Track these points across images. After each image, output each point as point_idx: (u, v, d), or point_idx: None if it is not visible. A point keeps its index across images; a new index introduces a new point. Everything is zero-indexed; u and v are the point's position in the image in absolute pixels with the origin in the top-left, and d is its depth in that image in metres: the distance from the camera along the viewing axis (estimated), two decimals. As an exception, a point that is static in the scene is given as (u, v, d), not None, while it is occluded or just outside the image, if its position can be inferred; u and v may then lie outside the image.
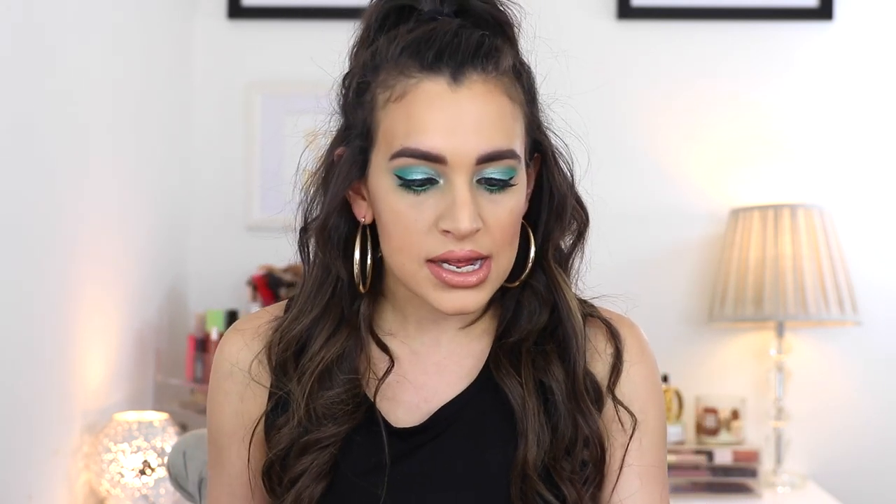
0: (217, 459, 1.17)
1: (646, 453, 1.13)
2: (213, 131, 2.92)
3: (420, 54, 1.02)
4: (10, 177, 1.83)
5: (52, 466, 2.06)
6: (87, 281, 2.18)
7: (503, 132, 1.02)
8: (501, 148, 1.02)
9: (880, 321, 2.82)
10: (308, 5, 2.90)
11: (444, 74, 1.01)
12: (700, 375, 2.85)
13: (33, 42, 1.92)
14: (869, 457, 2.83)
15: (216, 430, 1.16)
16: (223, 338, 1.17)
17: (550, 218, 1.12)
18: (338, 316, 1.11)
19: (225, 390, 1.15)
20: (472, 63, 1.02)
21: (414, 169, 1.01)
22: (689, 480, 2.61)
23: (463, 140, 1.00)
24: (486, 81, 1.02)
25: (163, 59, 2.73)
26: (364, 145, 1.06)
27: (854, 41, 2.89)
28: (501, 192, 1.03)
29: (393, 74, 1.03)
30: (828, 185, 2.86)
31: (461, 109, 1.01)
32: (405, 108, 1.02)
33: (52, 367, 2.04)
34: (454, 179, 1.01)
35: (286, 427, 1.10)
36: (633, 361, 1.14)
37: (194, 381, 2.57)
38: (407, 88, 1.02)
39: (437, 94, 1.01)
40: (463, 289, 1.03)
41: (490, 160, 1.01)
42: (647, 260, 2.85)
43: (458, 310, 1.04)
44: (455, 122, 1.00)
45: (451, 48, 1.02)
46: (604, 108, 2.83)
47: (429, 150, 1.00)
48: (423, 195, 1.02)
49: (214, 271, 2.88)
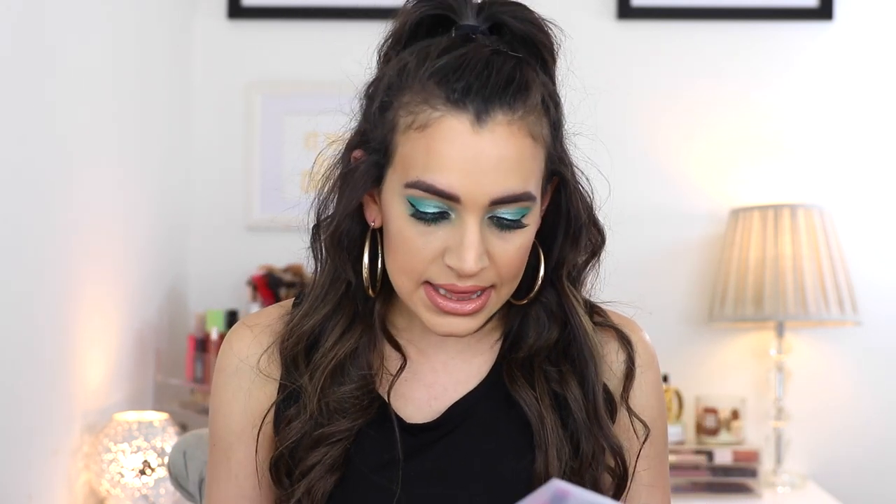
0: (222, 459, 1.15)
1: (654, 461, 1.14)
2: (213, 131, 2.92)
3: (448, 85, 1.00)
4: (10, 177, 1.83)
5: (52, 466, 2.06)
6: (87, 281, 2.18)
7: (520, 176, 1.01)
8: (516, 192, 1.01)
9: (880, 321, 2.82)
10: (308, 5, 2.90)
11: (469, 112, 1.00)
12: (700, 375, 2.85)
13: (33, 42, 1.92)
14: (869, 457, 2.83)
15: (224, 429, 1.15)
16: (230, 334, 1.17)
17: (566, 241, 1.12)
18: (351, 312, 1.12)
19: (233, 388, 1.14)
20: (499, 101, 1.00)
21: (427, 202, 1.01)
22: (689, 480, 2.61)
23: (479, 182, 1.00)
24: (510, 123, 1.00)
25: (163, 59, 2.73)
26: (381, 161, 1.06)
27: (854, 41, 2.89)
28: (512, 232, 1.04)
29: (417, 101, 1.02)
30: (828, 185, 2.86)
31: (481, 152, 1.00)
32: (426, 141, 1.01)
33: (52, 367, 2.04)
34: (465, 218, 1.01)
35: (297, 420, 1.10)
36: (644, 368, 1.16)
37: (194, 381, 2.57)
38: (430, 121, 1.01)
39: (459, 133, 1.00)
40: (456, 315, 1.04)
41: (503, 203, 1.01)
42: (647, 260, 2.85)
43: (449, 333, 1.05)
44: (473, 163, 1.00)
45: (479, 82, 1.00)
46: (604, 108, 2.83)
47: (444, 189, 1.00)
48: (433, 226, 1.02)
49: (214, 271, 2.88)
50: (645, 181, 2.87)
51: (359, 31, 2.85)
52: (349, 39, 2.92)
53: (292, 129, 2.88)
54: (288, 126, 2.88)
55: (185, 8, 2.88)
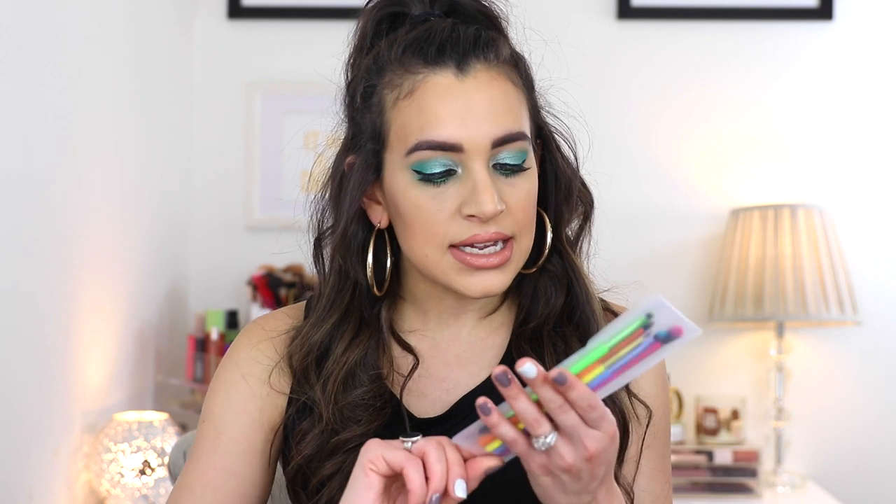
0: (211, 434, 1.14)
1: (655, 446, 1.16)
2: (213, 131, 2.92)
3: (423, 51, 1.06)
4: (11, 177, 1.83)
5: (52, 466, 2.06)
6: (88, 281, 2.18)
7: (512, 115, 1.06)
8: (513, 130, 1.05)
9: (880, 321, 2.82)
10: (308, 5, 2.90)
11: (450, 67, 1.05)
12: (700, 375, 2.85)
13: (33, 42, 1.92)
14: (869, 457, 2.83)
15: (221, 407, 1.14)
16: (247, 331, 1.18)
17: (560, 202, 1.14)
18: (358, 319, 1.13)
19: (242, 375, 1.14)
20: (473, 53, 1.05)
21: (432, 162, 1.04)
22: (689, 480, 2.61)
23: (476, 126, 1.03)
24: (489, 69, 1.06)
25: (163, 59, 2.73)
26: (376, 148, 1.08)
27: (854, 41, 2.89)
28: (517, 176, 1.06)
29: (399, 73, 1.06)
30: (828, 185, 2.86)
31: (470, 98, 1.04)
32: (416, 104, 1.05)
33: (52, 367, 2.04)
34: (472, 166, 1.04)
35: (311, 433, 1.10)
36: None
37: (194, 381, 2.58)
38: (415, 84, 1.05)
39: (446, 86, 1.04)
40: (487, 270, 1.05)
41: (504, 143, 1.05)
42: (646, 260, 2.85)
43: (484, 291, 1.06)
44: (466, 110, 1.03)
45: (451, 42, 1.05)
46: (603, 108, 2.83)
47: (445, 140, 1.03)
48: (443, 186, 1.05)
49: (214, 271, 2.88)
50: (645, 181, 2.87)
51: (359, 31, 2.85)
52: (344, 51, 2.93)
53: (292, 129, 2.88)
54: (288, 126, 2.88)
55: (185, 8, 2.88)
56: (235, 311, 2.67)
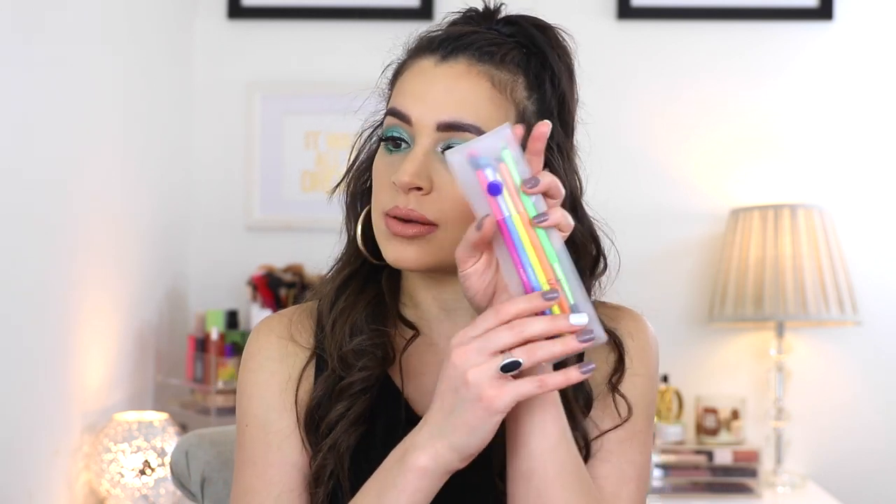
0: (259, 435, 1.14)
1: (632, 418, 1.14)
2: (213, 131, 2.92)
3: (430, 40, 1.13)
4: (11, 176, 1.83)
5: (52, 466, 2.06)
6: (88, 281, 2.18)
7: (470, 108, 1.08)
8: (463, 120, 1.07)
9: (880, 321, 2.82)
10: (308, 5, 2.90)
11: (437, 54, 1.11)
12: (700, 375, 2.85)
13: (33, 42, 1.92)
14: (869, 457, 2.83)
15: (259, 406, 1.15)
16: (261, 325, 1.20)
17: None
18: (363, 280, 1.18)
19: (271, 370, 1.16)
20: (467, 50, 1.10)
21: (391, 129, 1.11)
22: (689, 480, 2.61)
23: (428, 106, 1.08)
24: (471, 65, 1.09)
25: (163, 59, 2.73)
26: (382, 120, 1.16)
27: (854, 41, 2.89)
28: None
29: (409, 57, 1.14)
30: (828, 185, 2.86)
31: (436, 80, 1.09)
32: (401, 80, 1.13)
33: (52, 367, 2.04)
34: (418, 141, 1.08)
35: (321, 377, 1.14)
36: (636, 360, 1.16)
37: (194, 381, 2.57)
38: (409, 65, 1.13)
39: (424, 68, 1.11)
40: (401, 240, 1.08)
41: (450, 129, 1.07)
42: (646, 260, 2.86)
43: (395, 259, 1.10)
44: (427, 89, 1.09)
45: (456, 38, 1.11)
46: (603, 108, 2.83)
47: (400, 109, 1.10)
48: (395, 155, 1.10)
49: (214, 271, 2.88)
50: (645, 181, 2.87)
51: (359, 31, 2.85)
52: (349, 39, 2.93)
53: (292, 129, 2.88)
54: (288, 126, 2.88)
55: (185, 8, 2.88)
56: (235, 311, 2.67)
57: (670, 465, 2.61)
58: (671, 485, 2.59)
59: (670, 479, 2.60)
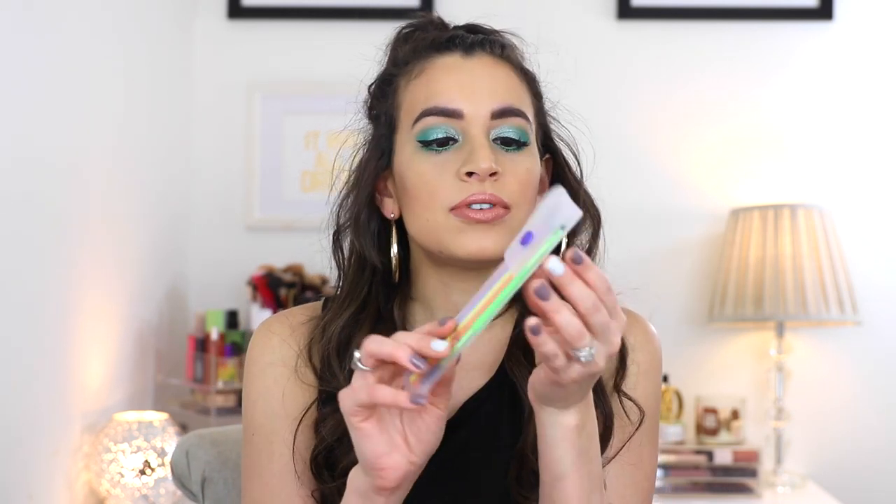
0: (265, 444, 1.15)
1: (635, 441, 1.15)
2: (213, 131, 2.92)
3: (434, 43, 1.14)
4: (11, 176, 1.83)
5: (52, 466, 2.06)
6: (88, 281, 2.18)
7: (513, 94, 1.11)
8: (513, 105, 1.10)
9: (880, 321, 2.82)
10: (308, 5, 2.90)
11: (458, 51, 1.13)
12: (700, 375, 2.85)
13: (33, 42, 1.92)
14: (869, 457, 2.83)
15: (265, 415, 1.15)
16: (265, 327, 1.19)
17: None
18: (375, 312, 1.15)
19: (274, 377, 1.16)
20: (480, 47, 1.13)
21: (435, 129, 1.09)
22: (689, 480, 2.61)
23: (478, 96, 1.10)
24: (493, 58, 1.13)
25: (163, 59, 2.73)
26: (388, 133, 1.14)
27: (854, 41, 2.89)
28: (517, 152, 1.10)
29: (412, 62, 1.14)
30: (828, 185, 2.86)
31: (474, 73, 1.11)
32: (424, 80, 1.12)
33: (52, 367, 2.04)
34: (472, 132, 1.09)
35: (332, 419, 1.11)
36: (637, 349, 1.17)
37: (194, 381, 2.57)
38: (425, 66, 1.13)
39: (452, 63, 1.12)
40: (482, 228, 1.07)
41: (503, 115, 1.09)
42: (647, 260, 2.86)
43: (479, 248, 1.07)
44: (469, 81, 1.10)
45: (461, 37, 1.14)
46: (604, 108, 2.83)
47: (446, 106, 1.09)
48: (444, 154, 1.09)
49: (214, 271, 2.88)
50: (645, 181, 2.87)
51: (358, 31, 2.85)
52: (349, 39, 2.93)
53: (292, 129, 2.88)
54: (288, 126, 2.88)
55: (185, 8, 2.88)
56: (235, 311, 2.67)
57: (670, 465, 2.61)
58: (671, 485, 2.59)
59: (670, 479, 2.60)
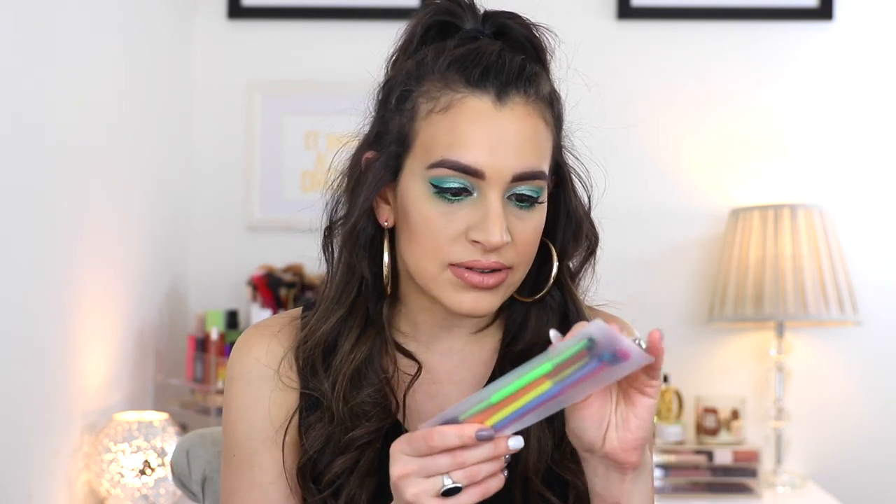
0: (245, 468, 1.13)
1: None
2: (213, 131, 2.92)
3: (466, 70, 1.06)
4: (11, 176, 1.83)
5: (52, 466, 2.06)
6: (88, 281, 2.18)
7: (538, 153, 1.07)
8: (535, 168, 1.06)
9: (880, 321, 2.82)
10: (308, 5, 2.90)
11: (490, 93, 1.06)
12: (700, 375, 2.85)
13: (33, 42, 1.92)
14: (869, 457, 2.83)
15: (245, 436, 1.13)
16: (243, 341, 1.17)
17: (567, 238, 1.15)
18: (364, 317, 1.13)
19: (253, 394, 1.14)
20: (514, 85, 1.06)
21: (451, 179, 1.05)
22: (689, 480, 2.61)
23: (503, 158, 1.04)
24: (526, 104, 1.07)
25: (163, 59, 2.73)
26: (399, 151, 1.09)
27: (854, 41, 2.89)
28: (529, 210, 1.07)
29: (438, 86, 1.07)
30: (828, 185, 2.86)
31: (503, 129, 1.05)
32: (449, 121, 1.05)
33: (52, 367, 2.04)
34: (488, 194, 1.05)
35: (320, 425, 1.11)
36: None
37: (194, 381, 2.57)
38: (452, 102, 1.06)
39: (482, 112, 1.05)
40: (480, 290, 1.06)
41: (524, 179, 1.05)
42: (647, 260, 2.85)
43: (472, 309, 1.07)
44: (496, 140, 1.04)
45: (496, 68, 1.06)
46: (603, 109, 2.83)
47: (469, 164, 1.04)
48: (455, 205, 1.05)
49: (214, 271, 2.88)
50: (645, 181, 2.87)
51: (359, 31, 2.85)
52: (349, 39, 2.93)
53: (292, 129, 2.88)
54: (288, 126, 2.88)
55: (185, 8, 2.88)
56: (235, 311, 2.67)
57: (670, 465, 2.61)
58: (671, 485, 2.59)
59: (670, 479, 2.60)
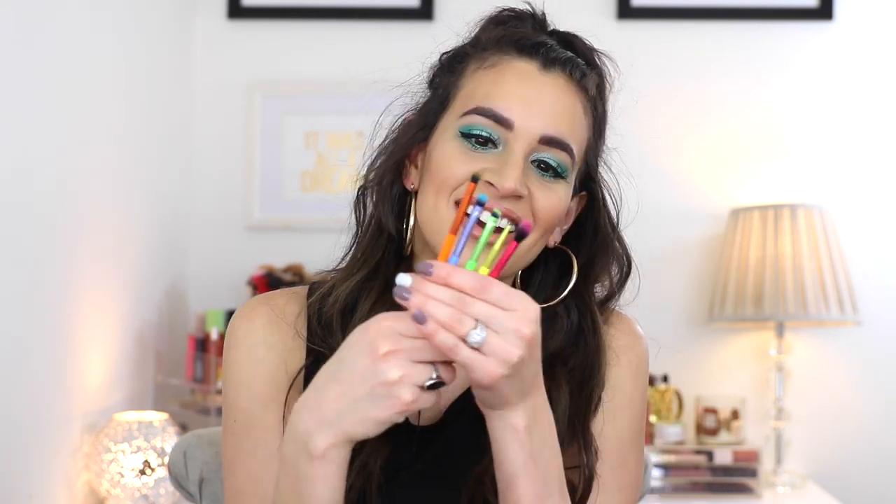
0: (244, 432, 1.12)
1: (620, 443, 1.13)
2: (213, 131, 2.92)
3: (520, 42, 1.10)
4: (10, 177, 1.83)
5: (52, 466, 2.06)
6: (88, 281, 2.18)
7: (570, 128, 1.08)
8: (565, 138, 1.07)
9: (880, 321, 2.82)
10: (308, 5, 2.90)
11: (538, 60, 1.09)
12: (700, 375, 2.85)
13: (34, 42, 1.92)
14: (869, 457, 2.83)
15: (246, 400, 1.12)
16: (246, 310, 1.17)
17: (594, 253, 1.15)
18: (384, 282, 1.12)
19: (255, 359, 1.13)
20: (562, 64, 1.10)
21: (480, 127, 1.06)
22: (689, 480, 2.61)
23: (535, 115, 1.06)
24: (569, 83, 1.10)
25: (163, 59, 2.73)
26: (438, 108, 1.11)
27: (854, 41, 2.89)
28: (551, 181, 1.08)
29: (491, 50, 1.11)
30: (828, 185, 2.86)
31: (542, 90, 1.07)
32: (494, 76, 1.08)
33: (52, 367, 2.04)
34: (513, 146, 1.06)
35: None
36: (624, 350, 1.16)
37: (194, 381, 2.58)
38: (500, 61, 1.09)
39: (527, 72, 1.08)
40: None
41: (550, 144, 1.06)
42: (646, 260, 2.83)
43: None
44: (534, 98, 1.07)
45: (547, 47, 1.10)
46: (604, 108, 2.83)
47: (501, 113, 1.06)
48: (478, 153, 1.06)
49: (214, 271, 2.88)
50: (645, 181, 2.86)
51: (359, 31, 2.85)
52: (349, 39, 2.93)
53: (292, 128, 2.88)
54: (288, 126, 2.88)
55: (185, 8, 2.88)
56: (235, 311, 2.67)
57: (670, 465, 2.61)
58: (671, 485, 2.59)
59: (670, 479, 2.60)
